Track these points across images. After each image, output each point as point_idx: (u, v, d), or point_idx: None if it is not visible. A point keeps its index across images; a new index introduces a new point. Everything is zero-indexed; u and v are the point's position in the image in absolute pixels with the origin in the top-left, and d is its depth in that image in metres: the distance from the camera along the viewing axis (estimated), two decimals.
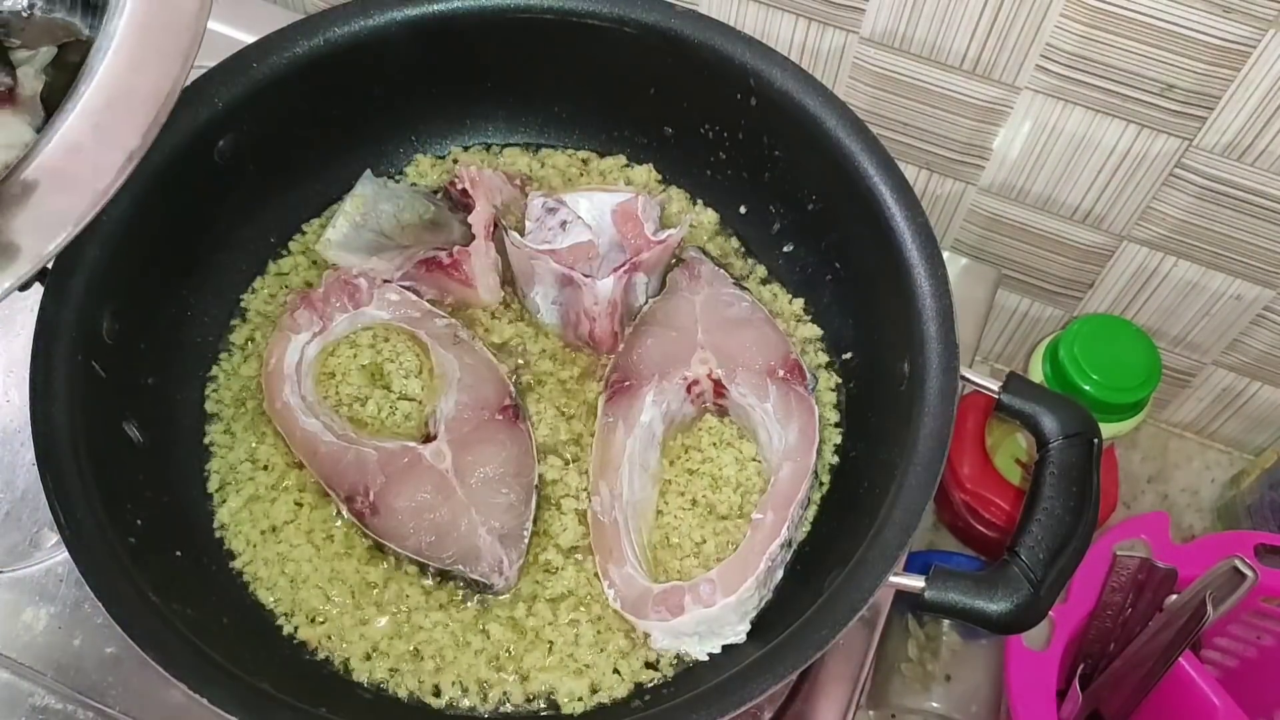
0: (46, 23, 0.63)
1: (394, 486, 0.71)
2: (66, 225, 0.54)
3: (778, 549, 0.68)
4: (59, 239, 0.54)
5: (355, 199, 0.79)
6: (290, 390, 0.74)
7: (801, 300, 0.81)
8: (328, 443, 0.72)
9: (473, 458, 0.72)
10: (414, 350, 0.78)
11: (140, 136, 0.57)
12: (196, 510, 0.73)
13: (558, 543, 0.72)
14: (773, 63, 0.75)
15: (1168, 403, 1.06)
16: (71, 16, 0.63)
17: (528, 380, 0.78)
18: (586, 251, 0.77)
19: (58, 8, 0.63)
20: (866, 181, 0.72)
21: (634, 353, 0.77)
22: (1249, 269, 0.88)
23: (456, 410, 0.74)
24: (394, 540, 0.70)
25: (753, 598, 0.67)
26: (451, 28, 0.78)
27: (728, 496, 0.74)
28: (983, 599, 0.61)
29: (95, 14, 0.61)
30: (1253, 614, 0.88)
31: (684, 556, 0.72)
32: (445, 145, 0.87)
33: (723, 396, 0.75)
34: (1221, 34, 0.72)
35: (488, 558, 0.70)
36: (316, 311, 0.77)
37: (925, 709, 0.90)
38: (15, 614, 0.76)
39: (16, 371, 0.83)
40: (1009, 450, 0.94)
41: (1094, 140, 0.83)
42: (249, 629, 0.69)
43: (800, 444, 0.72)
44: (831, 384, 0.78)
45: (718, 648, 0.68)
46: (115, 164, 0.56)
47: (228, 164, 0.75)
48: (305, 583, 0.71)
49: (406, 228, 0.79)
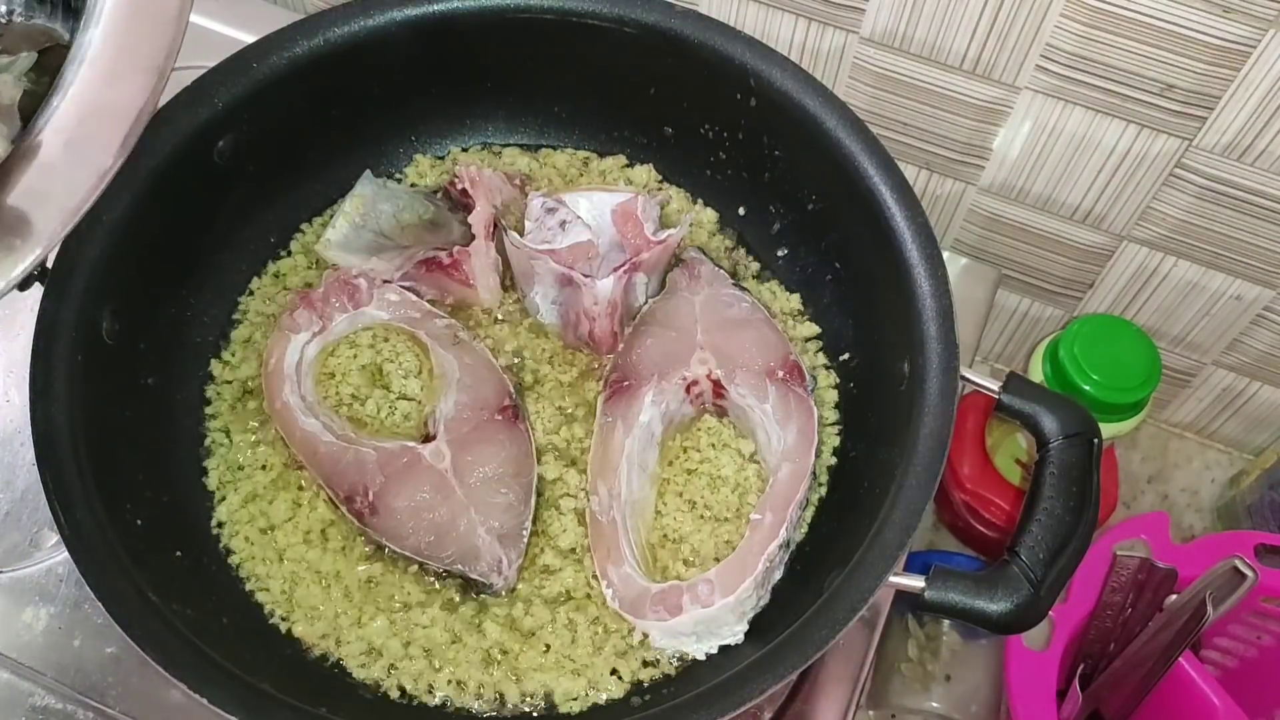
0: (26, 29, 0.61)
1: (393, 486, 0.71)
2: (37, 246, 0.53)
3: (776, 550, 0.68)
4: (28, 260, 0.52)
5: (355, 199, 0.79)
6: (290, 390, 0.74)
7: (800, 299, 0.81)
8: (327, 443, 0.72)
9: (472, 458, 0.72)
10: (414, 350, 0.78)
11: (113, 155, 0.55)
12: (196, 510, 0.73)
13: (556, 543, 0.72)
14: (773, 63, 0.75)
15: (1168, 403, 1.06)
16: (52, 22, 0.61)
17: (527, 380, 0.78)
18: (586, 251, 0.77)
19: (38, 13, 0.61)
20: (866, 181, 0.72)
21: (633, 353, 0.77)
22: (1249, 269, 0.88)
23: (456, 410, 0.74)
24: (393, 540, 0.70)
25: (751, 598, 0.67)
26: (451, 28, 0.78)
27: (726, 497, 0.74)
28: (983, 599, 0.61)
29: (76, 18, 0.59)
30: (1253, 614, 0.88)
31: (682, 557, 0.72)
32: (445, 145, 0.87)
33: (722, 397, 0.75)
34: (1221, 34, 0.72)
35: (487, 557, 0.70)
36: (316, 311, 0.77)
37: (925, 709, 0.90)
38: (15, 614, 0.76)
39: (16, 371, 0.83)
40: (1009, 450, 0.94)
41: (1094, 140, 0.83)
42: (249, 629, 0.69)
43: (799, 445, 0.72)
44: (831, 382, 0.78)
45: (715, 648, 0.68)
46: (88, 183, 0.54)
47: (228, 164, 0.75)
48: (303, 582, 0.71)
49: (406, 228, 0.79)
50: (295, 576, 0.71)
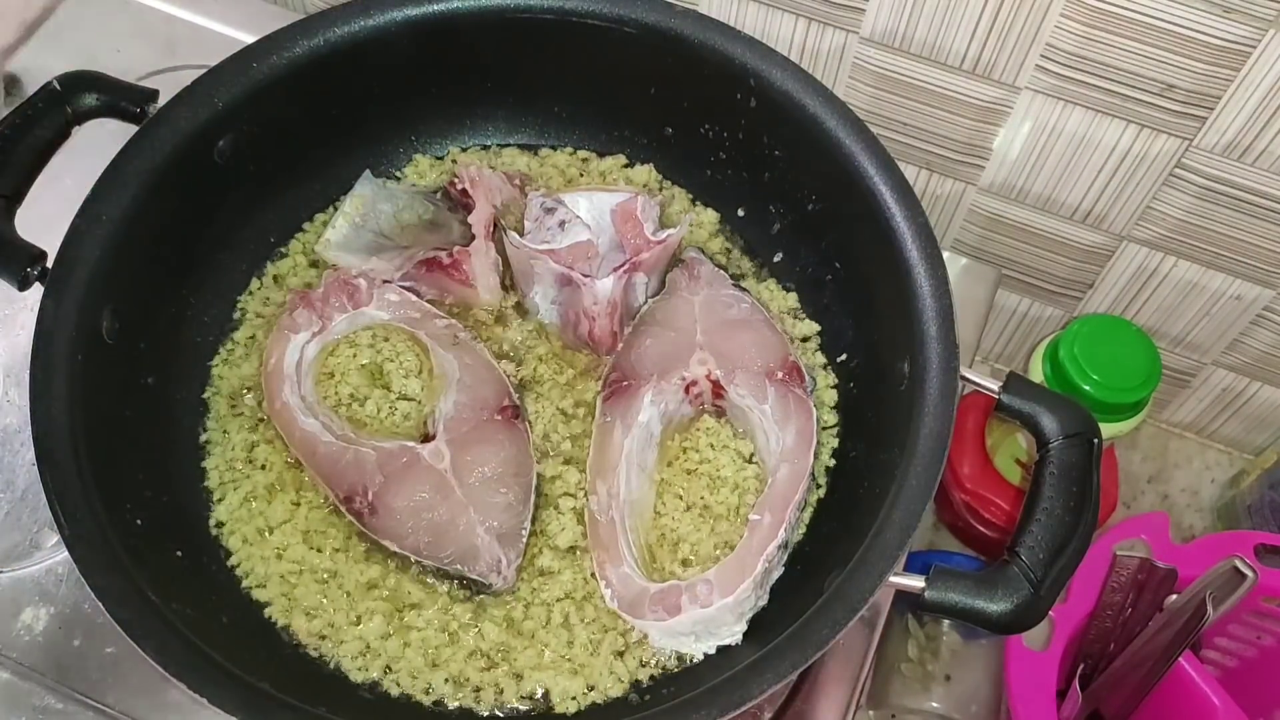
0: None
1: (392, 486, 0.71)
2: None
3: (775, 550, 0.68)
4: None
5: (355, 199, 0.79)
6: (290, 390, 0.74)
7: (799, 298, 0.81)
8: (326, 443, 0.72)
9: (471, 457, 0.72)
10: (414, 350, 0.78)
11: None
12: (196, 510, 0.73)
13: (555, 543, 0.72)
14: (773, 63, 0.75)
15: (1168, 403, 1.06)
16: None
17: (526, 379, 0.78)
18: (586, 251, 0.77)
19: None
20: (866, 181, 0.72)
21: (633, 353, 0.77)
22: (1249, 269, 0.88)
23: (455, 410, 0.74)
24: (393, 540, 0.70)
25: (749, 599, 0.67)
26: (451, 28, 0.78)
27: (725, 497, 0.74)
28: (983, 599, 0.61)
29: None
30: (1253, 614, 0.88)
31: (681, 557, 0.72)
32: (444, 145, 0.87)
33: (721, 397, 0.75)
34: (1221, 34, 0.72)
35: (486, 557, 0.70)
36: (316, 311, 0.77)
37: (925, 709, 0.90)
38: (15, 614, 0.76)
39: (16, 371, 0.84)
40: (1009, 450, 0.94)
41: (1094, 140, 0.83)
42: (249, 629, 0.69)
43: (797, 446, 0.72)
44: (830, 382, 0.78)
45: (714, 648, 0.68)
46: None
47: (228, 164, 0.75)
48: (300, 581, 0.71)
49: (406, 228, 0.79)
50: (293, 576, 0.71)
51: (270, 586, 0.71)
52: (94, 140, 0.73)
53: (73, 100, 0.72)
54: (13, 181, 0.69)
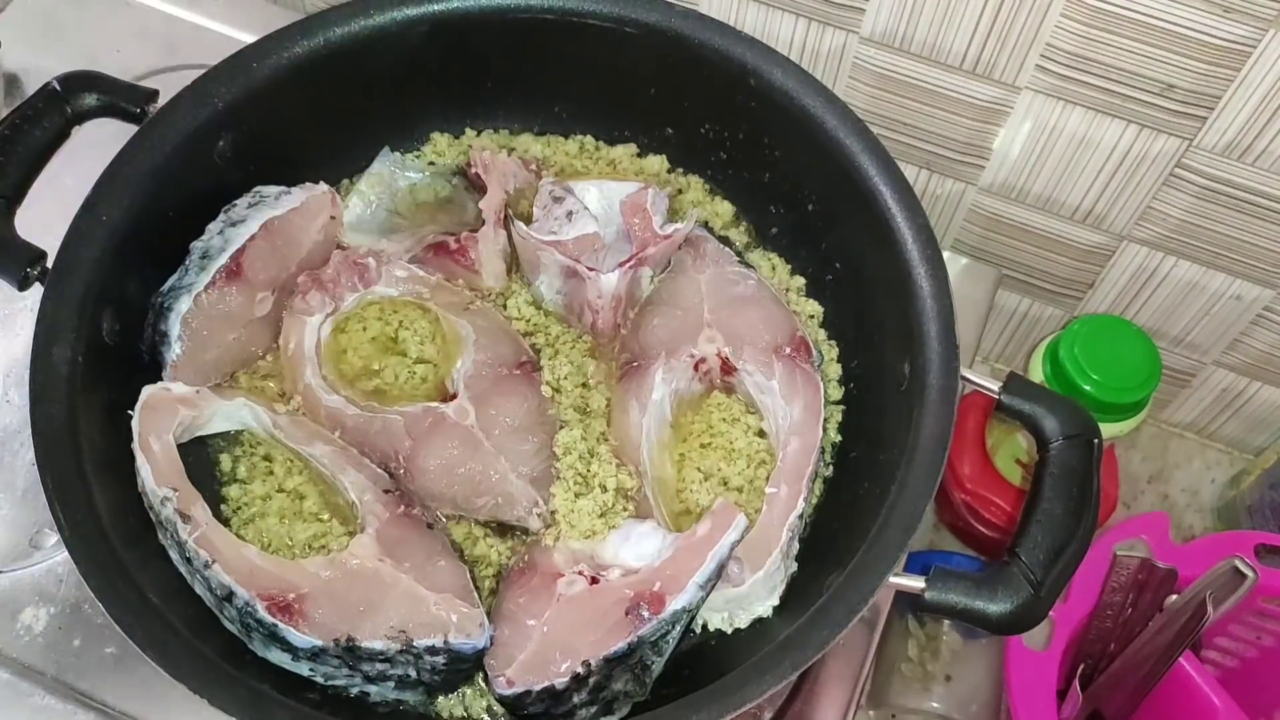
0: None
1: (422, 448, 0.72)
2: None
3: (796, 520, 0.69)
4: None
5: (371, 177, 0.79)
6: (311, 372, 0.75)
7: (803, 280, 0.82)
8: (353, 414, 0.73)
9: (495, 411, 0.73)
10: (426, 319, 0.78)
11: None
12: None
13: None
14: (773, 63, 0.75)
15: (1168, 403, 1.06)
16: None
17: (539, 343, 0.78)
18: (592, 243, 0.77)
19: None
20: (866, 181, 0.72)
21: (641, 332, 0.77)
22: (1249, 269, 0.88)
23: (475, 368, 0.75)
24: (432, 500, 0.71)
25: (779, 570, 0.68)
26: (451, 28, 0.78)
27: (741, 469, 0.74)
28: (983, 599, 0.61)
29: None
30: (1253, 614, 0.88)
31: None
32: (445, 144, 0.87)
33: (730, 374, 0.75)
34: (1221, 34, 0.72)
35: (523, 500, 0.71)
36: (327, 293, 0.77)
37: (925, 709, 0.90)
38: (15, 614, 0.76)
39: (16, 371, 0.84)
40: (1009, 450, 0.94)
41: (1094, 140, 0.83)
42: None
43: (805, 419, 0.73)
44: (834, 355, 0.79)
45: (746, 622, 0.69)
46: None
47: (228, 164, 0.75)
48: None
49: (422, 206, 0.79)
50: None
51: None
52: (94, 140, 0.73)
53: (72, 100, 0.72)
54: (13, 181, 0.70)
